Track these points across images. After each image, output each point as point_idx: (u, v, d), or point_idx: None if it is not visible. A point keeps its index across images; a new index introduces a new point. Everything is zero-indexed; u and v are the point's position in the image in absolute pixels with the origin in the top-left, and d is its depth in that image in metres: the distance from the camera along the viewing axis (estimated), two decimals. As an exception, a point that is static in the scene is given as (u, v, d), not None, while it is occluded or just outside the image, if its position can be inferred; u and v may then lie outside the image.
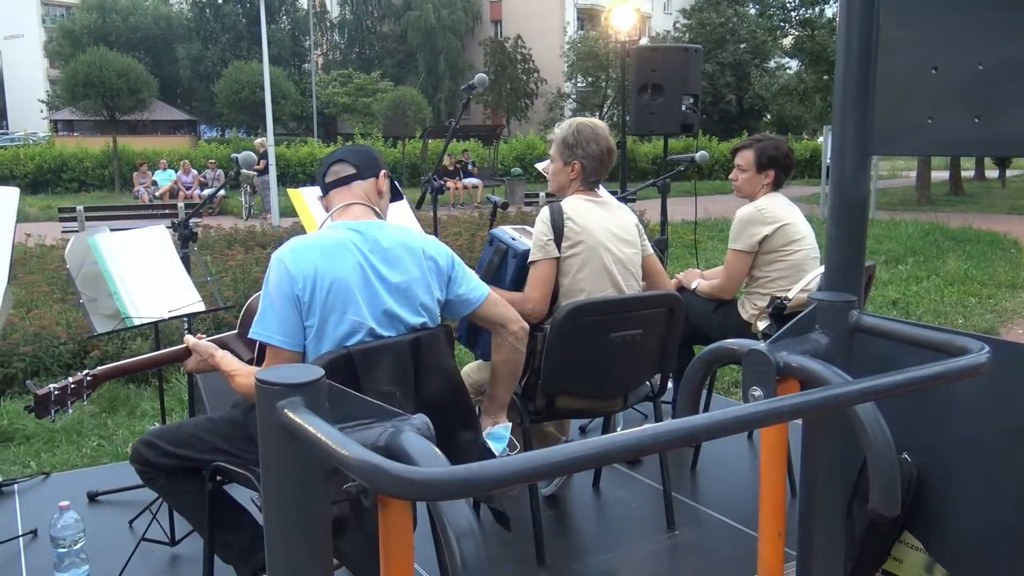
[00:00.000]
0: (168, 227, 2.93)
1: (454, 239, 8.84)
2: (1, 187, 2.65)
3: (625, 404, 2.89)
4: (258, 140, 19.19)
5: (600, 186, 3.01)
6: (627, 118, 6.36)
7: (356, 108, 37.21)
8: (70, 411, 2.24)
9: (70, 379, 2.22)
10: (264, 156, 15.89)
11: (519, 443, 2.58)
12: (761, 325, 3.14)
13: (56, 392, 2.18)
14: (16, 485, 3.45)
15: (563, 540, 2.94)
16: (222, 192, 15.61)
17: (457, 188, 19.31)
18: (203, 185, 19.60)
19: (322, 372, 1.13)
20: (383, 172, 2.28)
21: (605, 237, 2.78)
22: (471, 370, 2.97)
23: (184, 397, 4.65)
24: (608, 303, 2.68)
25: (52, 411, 2.18)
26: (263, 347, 2.07)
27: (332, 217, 2.19)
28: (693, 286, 3.51)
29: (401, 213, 3.57)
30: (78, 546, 2.40)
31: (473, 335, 2.92)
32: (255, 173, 14.77)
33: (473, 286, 2.26)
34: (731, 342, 1.56)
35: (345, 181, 2.22)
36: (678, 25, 36.87)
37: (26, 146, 27.49)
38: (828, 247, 1.72)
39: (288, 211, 14.37)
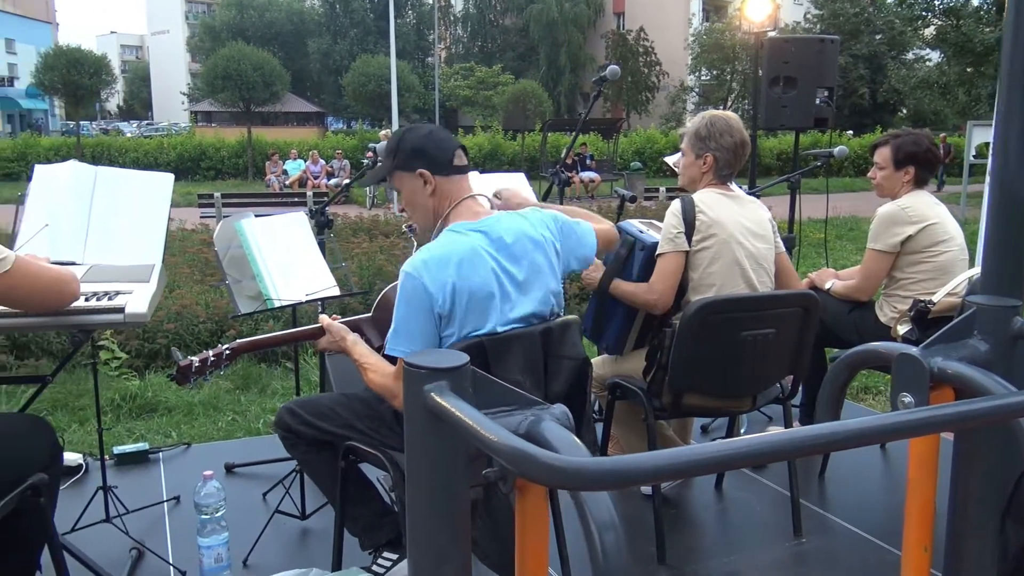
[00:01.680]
0: (306, 214, 3.04)
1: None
2: (158, 173, 2.82)
3: (754, 405, 2.82)
4: (383, 132, 19.75)
5: (733, 181, 2.94)
6: (755, 112, 6.18)
7: (477, 101, 37.70)
8: (209, 380, 2.35)
9: (210, 352, 2.32)
10: (389, 147, 16.27)
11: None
12: (902, 329, 2.99)
13: (197, 364, 2.29)
14: (161, 453, 3.67)
15: (684, 540, 2.89)
16: (347, 181, 16.20)
17: (574, 181, 19.29)
18: (330, 175, 20.29)
19: (467, 358, 1.14)
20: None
21: (738, 231, 2.71)
22: (595, 364, 2.95)
23: (312, 378, 4.84)
24: (740, 300, 2.62)
25: (192, 380, 2.30)
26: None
27: (449, 217, 2.15)
28: (827, 286, 3.38)
29: (518, 185, 3.59)
30: (219, 514, 2.53)
31: (598, 328, 2.91)
32: (381, 164, 15.16)
33: (582, 232, 2.30)
34: (879, 345, 1.49)
35: (465, 170, 2.20)
36: (809, 16, 35.53)
37: (169, 136, 29.21)
38: (987, 249, 1.62)
39: (410, 201, 14.67)
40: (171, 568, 2.68)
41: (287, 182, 20.26)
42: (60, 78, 24.79)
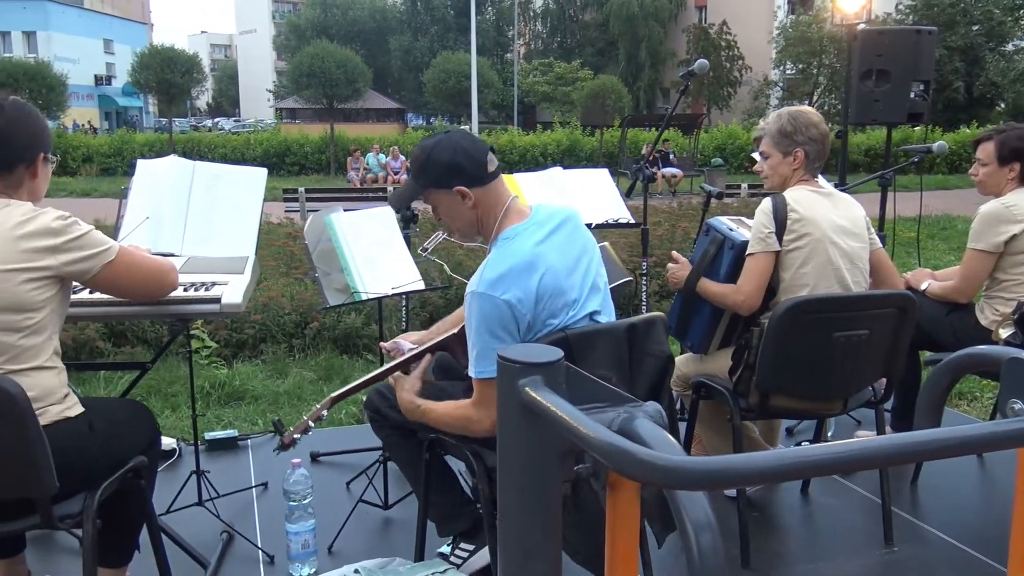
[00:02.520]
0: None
1: (653, 228, 8.72)
2: (251, 168, 2.90)
3: (845, 408, 2.73)
4: (462, 128, 19.91)
5: (821, 176, 2.87)
6: (840, 106, 5.99)
7: (555, 97, 37.66)
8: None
9: (308, 419, 2.34)
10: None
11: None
12: (1004, 333, 2.86)
13: (298, 437, 2.32)
14: (249, 440, 3.78)
15: (769, 543, 2.82)
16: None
17: (658, 177, 19.06)
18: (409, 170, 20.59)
19: (561, 353, 1.14)
20: None
21: (831, 230, 2.63)
22: (679, 362, 2.91)
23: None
24: (832, 300, 2.54)
25: (296, 444, 2.35)
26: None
27: (501, 226, 2.13)
28: (923, 287, 3.26)
29: (601, 182, 3.57)
30: (307, 501, 2.59)
31: (683, 326, 2.87)
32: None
33: None
34: (986, 349, 1.43)
35: (498, 172, 2.16)
36: (901, 7, 34.30)
37: (255, 132, 30.04)
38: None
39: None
40: (260, 552, 2.76)
41: (381, 178, 20.66)
42: (154, 77, 25.77)
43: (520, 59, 46.78)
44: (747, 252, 2.66)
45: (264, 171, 2.85)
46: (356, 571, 2.47)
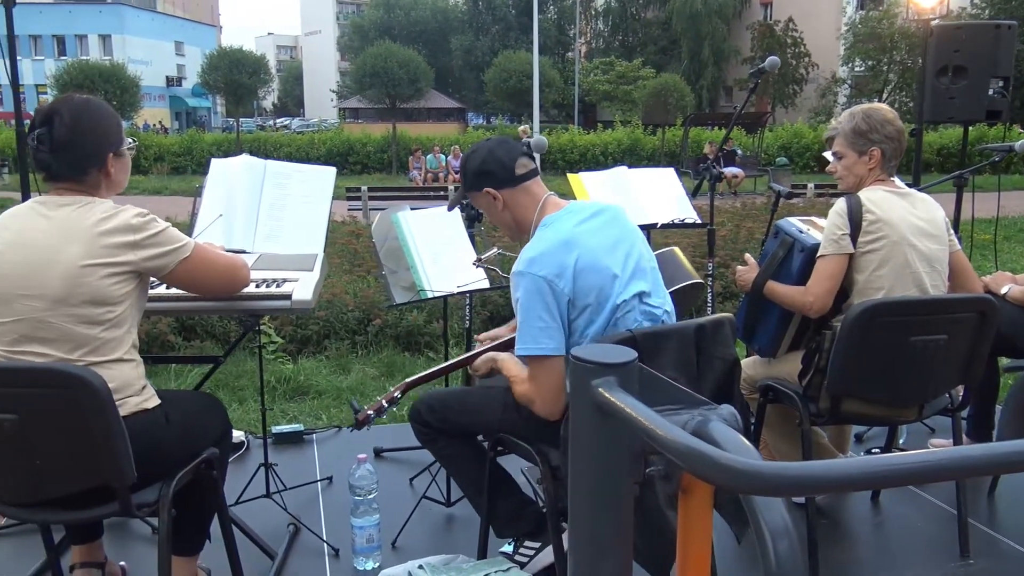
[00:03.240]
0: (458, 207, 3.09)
1: (717, 229, 8.59)
2: (321, 167, 2.95)
3: (919, 415, 2.65)
4: (521, 127, 19.98)
5: (897, 177, 2.78)
6: (913, 104, 5.81)
7: (616, 95, 37.41)
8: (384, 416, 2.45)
9: (383, 400, 2.41)
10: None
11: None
12: (1091, 339, 2.74)
13: (372, 414, 2.39)
14: (315, 435, 3.84)
15: (838, 552, 2.76)
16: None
17: (726, 176, 18.82)
18: (471, 170, 20.78)
19: (635, 354, 1.13)
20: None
21: (909, 231, 2.55)
22: (746, 365, 2.86)
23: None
24: (907, 304, 2.46)
25: (371, 422, 2.42)
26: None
27: (538, 219, 2.23)
28: (1003, 291, 3.13)
29: (667, 181, 3.54)
30: (371, 496, 2.62)
31: (751, 329, 2.81)
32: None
33: None
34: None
35: (533, 174, 2.28)
36: (976, 1, 33.19)
37: (319, 132, 30.57)
38: None
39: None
40: (325, 545, 2.80)
41: (443, 177, 20.90)
42: (223, 78, 26.44)
43: (581, 58, 46.64)
44: (818, 254, 2.59)
45: (333, 170, 2.89)
46: (420, 567, 2.48)
